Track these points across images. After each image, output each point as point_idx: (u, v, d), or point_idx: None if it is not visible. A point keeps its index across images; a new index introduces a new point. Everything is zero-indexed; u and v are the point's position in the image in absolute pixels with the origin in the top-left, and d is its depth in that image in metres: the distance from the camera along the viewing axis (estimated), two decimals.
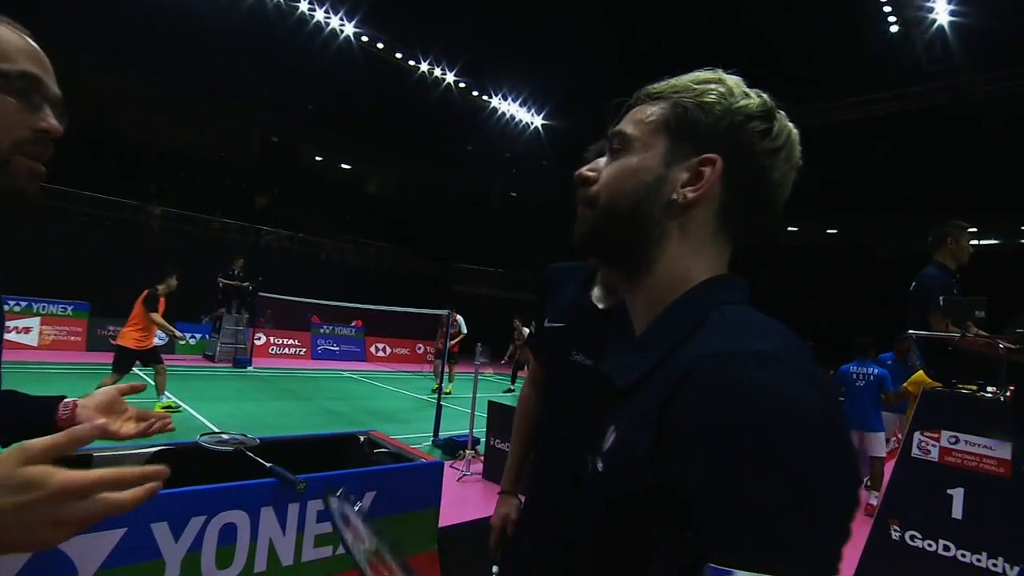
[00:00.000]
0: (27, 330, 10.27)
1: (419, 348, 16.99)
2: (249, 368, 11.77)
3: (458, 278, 22.37)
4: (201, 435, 2.48)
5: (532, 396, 1.68)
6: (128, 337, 6.63)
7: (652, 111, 0.67)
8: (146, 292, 6.88)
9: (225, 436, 2.56)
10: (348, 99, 22.93)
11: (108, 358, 10.51)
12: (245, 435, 2.59)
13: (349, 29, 19.13)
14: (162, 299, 6.91)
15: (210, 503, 2.10)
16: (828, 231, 26.63)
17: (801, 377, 0.49)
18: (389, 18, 19.37)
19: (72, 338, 10.96)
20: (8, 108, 0.73)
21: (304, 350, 14.95)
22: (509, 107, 24.96)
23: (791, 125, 0.65)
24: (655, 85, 0.69)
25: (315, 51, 19.72)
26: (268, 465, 2.31)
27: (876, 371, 5.65)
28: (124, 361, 6.55)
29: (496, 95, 23.88)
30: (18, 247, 11.69)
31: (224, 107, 21.49)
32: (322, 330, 15.78)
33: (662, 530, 0.50)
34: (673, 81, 0.68)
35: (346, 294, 15.83)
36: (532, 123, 26.35)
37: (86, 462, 2.28)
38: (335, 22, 18.72)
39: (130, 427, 1.09)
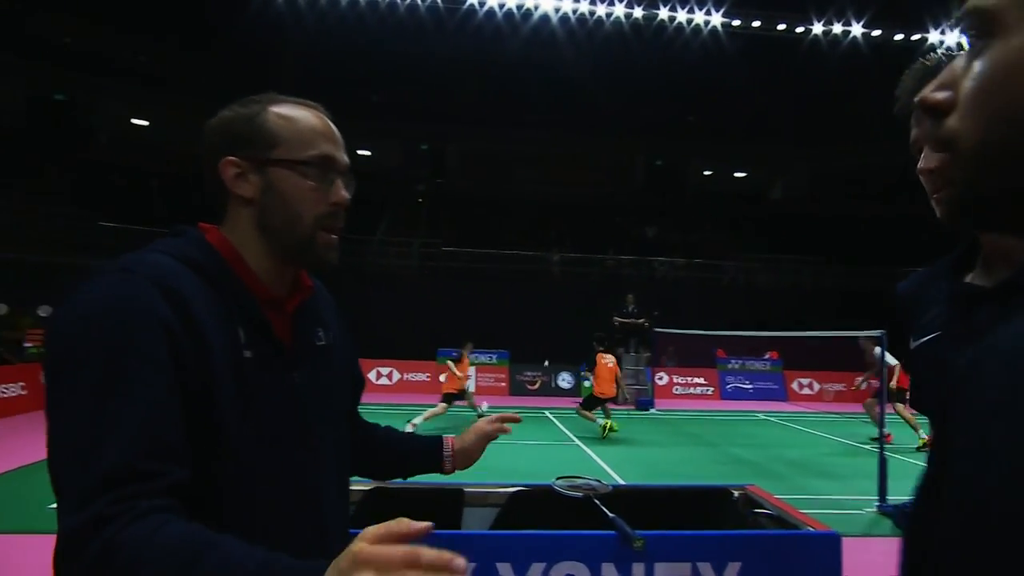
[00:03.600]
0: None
1: (859, 383, 14.87)
2: (652, 410, 12.54)
3: None
4: (557, 478, 2.72)
5: None
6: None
7: None
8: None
9: (579, 481, 2.73)
10: (730, 99, 22.78)
11: (526, 402, 13.00)
12: (599, 481, 2.71)
13: (716, 20, 19.17)
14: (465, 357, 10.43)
15: (552, 550, 2.25)
16: None
17: None
18: None
19: (499, 384, 13.94)
20: (308, 189, 0.97)
21: (711, 389, 15.02)
22: (953, 38, 20.19)
23: None
24: None
25: (681, 58, 20.47)
26: (611, 516, 2.34)
27: None
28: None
29: (936, 28, 19.72)
30: (455, 306, 15.72)
31: (601, 142, 24.31)
32: (730, 365, 15.59)
33: None
34: None
35: (756, 321, 15.29)
36: None
37: (458, 495, 2.76)
38: (699, 18, 19.07)
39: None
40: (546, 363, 14.93)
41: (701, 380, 15.16)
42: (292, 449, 0.96)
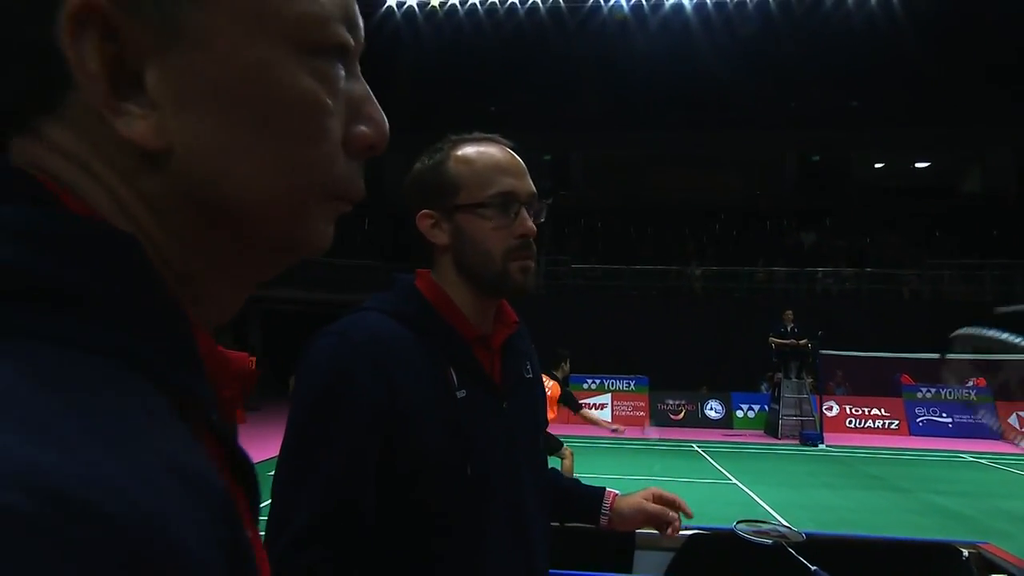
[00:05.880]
0: (601, 406, 13.61)
1: None
2: (820, 446, 11.85)
3: None
4: (738, 522, 2.62)
5: None
6: None
7: None
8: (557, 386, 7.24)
9: (765, 527, 2.61)
10: (905, 75, 21.15)
11: (669, 433, 12.67)
12: (789, 527, 2.57)
13: None
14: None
15: None
16: None
17: None
18: None
19: (637, 413, 13.74)
20: (492, 229, 1.09)
21: (896, 423, 13.98)
22: None
23: None
24: None
25: (840, 35, 19.29)
26: (812, 568, 2.21)
27: None
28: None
29: None
30: (587, 328, 15.70)
31: (745, 138, 23.43)
32: (920, 394, 14.35)
33: None
34: None
35: (947, 341, 14.02)
36: None
37: (629, 537, 2.73)
38: None
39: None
40: (703, 389, 14.50)
41: (882, 411, 14.08)
42: (505, 480, 1.09)
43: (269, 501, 0.96)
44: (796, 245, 21.36)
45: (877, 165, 25.13)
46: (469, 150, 1.12)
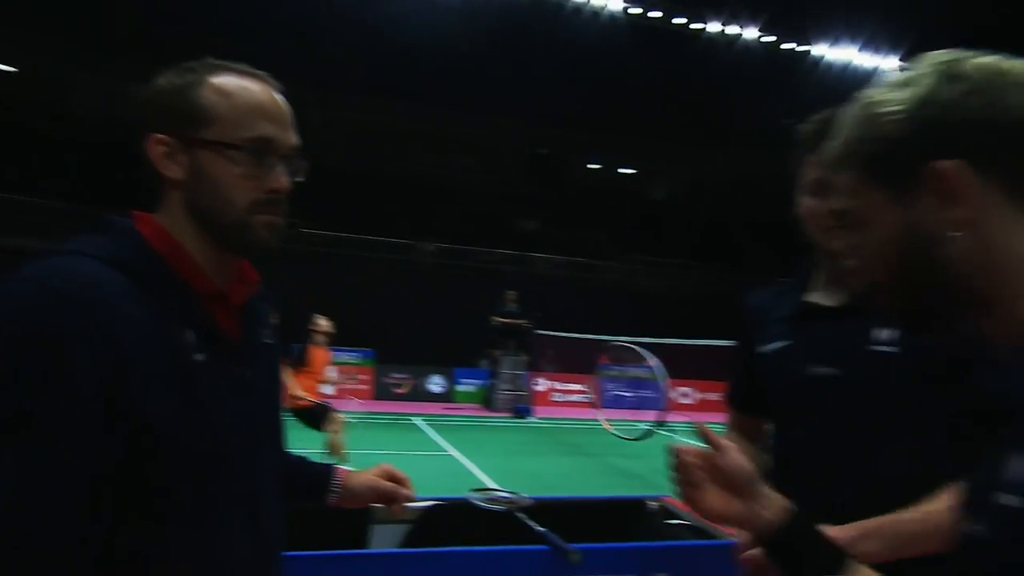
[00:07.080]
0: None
1: None
2: (530, 418, 12.92)
3: None
4: (471, 490, 2.78)
5: None
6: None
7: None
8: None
9: (496, 494, 2.81)
10: (621, 90, 23.78)
11: (394, 407, 12.89)
12: (517, 494, 2.81)
13: (616, 3, 20.08)
14: (320, 348, 7.45)
15: (481, 568, 2.32)
16: None
17: None
18: None
19: (361, 386, 13.72)
20: (239, 176, 0.97)
21: (593, 397, 15.67)
22: (843, 54, 22.66)
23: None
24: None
25: (574, 41, 21.12)
26: (540, 530, 2.45)
27: None
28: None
29: (821, 41, 22.02)
30: (311, 295, 15.12)
31: (481, 123, 24.46)
32: (612, 372, 16.32)
33: None
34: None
35: (639, 327, 16.18)
36: (881, 71, 23.41)
37: (363, 511, 2.74)
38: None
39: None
40: (426, 363, 14.81)
41: (581, 387, 15.74)
42: (243, 458, 0.99)
43: None
44: (520, 231, 22.95)
45: (590, 166, 27.89)
46: (230, 80, 0.99)
